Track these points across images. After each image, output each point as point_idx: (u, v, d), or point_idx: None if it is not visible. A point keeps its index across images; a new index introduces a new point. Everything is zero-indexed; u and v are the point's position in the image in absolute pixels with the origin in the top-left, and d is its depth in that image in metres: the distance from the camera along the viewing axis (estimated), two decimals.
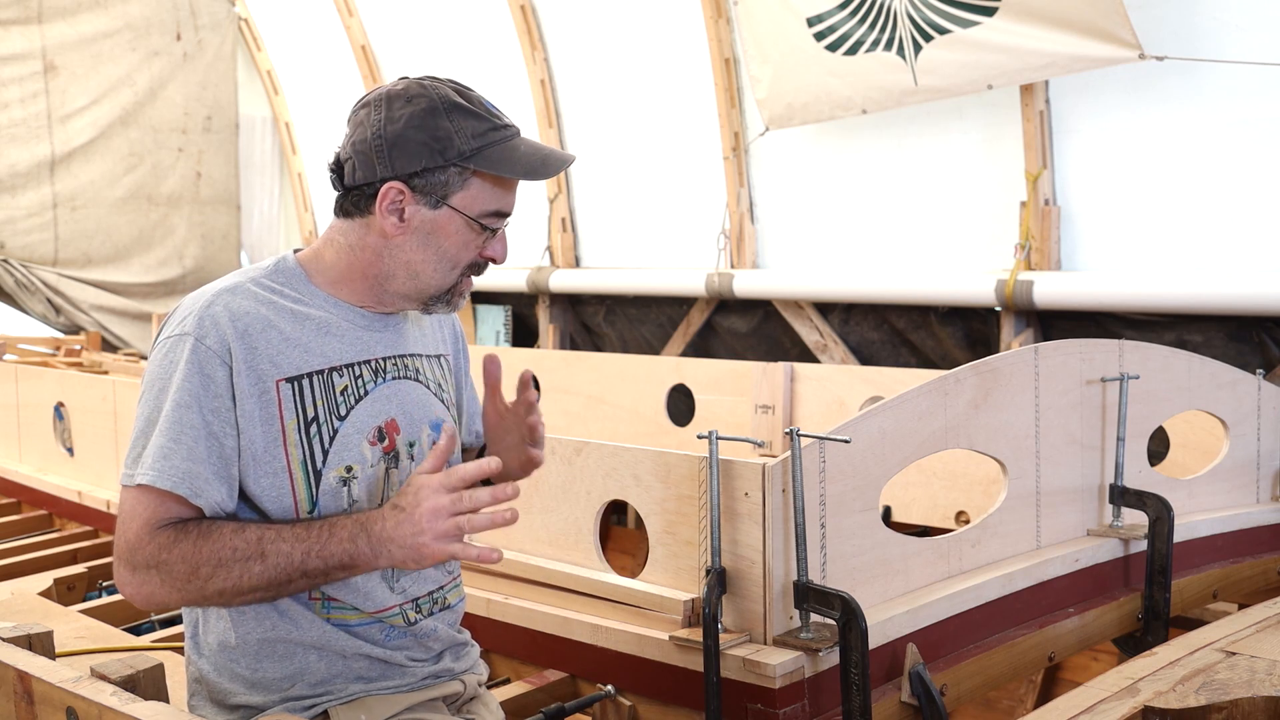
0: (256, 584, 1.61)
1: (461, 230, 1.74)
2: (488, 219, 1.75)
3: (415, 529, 1.59)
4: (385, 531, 1.61)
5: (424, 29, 7.45)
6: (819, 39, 5.28)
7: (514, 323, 7.55)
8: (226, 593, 1.62)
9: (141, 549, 1.61)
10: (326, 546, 1.62)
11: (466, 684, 1.90)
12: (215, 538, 1.61)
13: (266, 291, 1.74)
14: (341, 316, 1.78)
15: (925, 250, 5.48)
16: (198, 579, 1.60)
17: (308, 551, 1.61)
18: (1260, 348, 4.52)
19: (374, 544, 1.61)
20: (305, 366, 1.72)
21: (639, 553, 4.73)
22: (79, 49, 8.00)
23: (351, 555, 1.62)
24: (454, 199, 1.73)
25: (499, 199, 1.76)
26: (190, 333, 1.67)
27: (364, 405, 1.76)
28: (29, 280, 7.93)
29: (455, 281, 1.79)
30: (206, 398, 1.64)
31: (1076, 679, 3.48)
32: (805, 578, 2.13)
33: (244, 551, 1.60)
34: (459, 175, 1.72)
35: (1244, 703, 1.89)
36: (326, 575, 1.64)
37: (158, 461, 1.62)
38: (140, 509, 1.63)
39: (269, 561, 1.61)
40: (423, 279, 1.77)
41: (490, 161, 1.72)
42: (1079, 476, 2.78)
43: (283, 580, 1.62)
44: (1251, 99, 4.40)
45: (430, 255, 1.75)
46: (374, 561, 1.62)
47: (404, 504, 1.61)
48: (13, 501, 4.61)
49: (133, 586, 1.63)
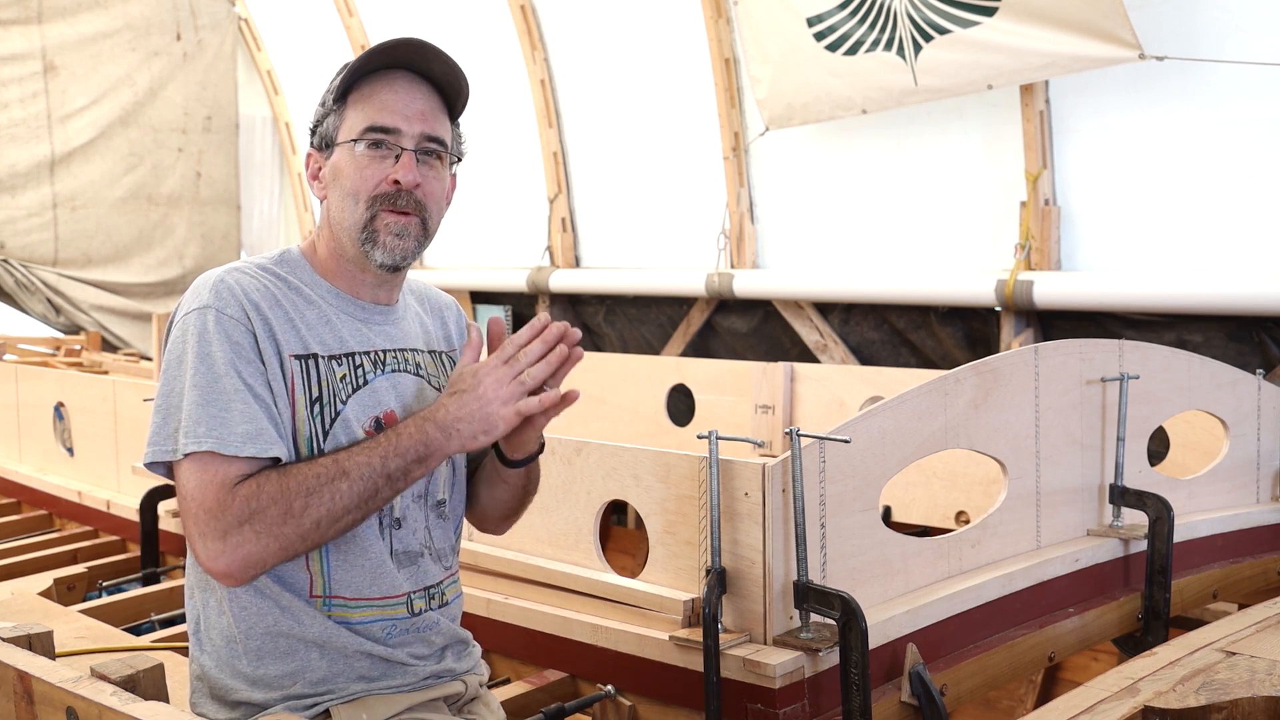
0: (348, 502, 1.62)
1: (351, 161, 1.76)
2: (367, 135, 1.74)
3: (481, 401, 1.65)
4: (450, 414, 1.65)
5: (424, 29, 7.46)
6: (819, 39, 5.28)
7: (514, 323, 7.55)
8: (323, 521, 1.61)
9: (229, 509, 1.60)
10: (401, 443, 1.64)
11: (468, 684, 1.90)
12: (294, 473, 1.62)
13: (272, 277, 1.77)
14: (342, 309, 1.80)
15: (925, 250, 5.48)
16: (293, 516, 1.60)
17: (385, 454, 1.64)
18: (1260, 348, 4.52)
19: (443, 428, 1.65)
20: (309, 348, 1.73)
21: (639, 553, 4.72)
22: (79, 49, 8.00)
23: (425, 443, 1.65)
24: (339, 137, 1.77)
25: (373, 115, 1.74)
26: (210, 304, 1.68)
27: (362, 394, 1.76)
28: (29, 280, 7.93)
29: (368, 217, 1.75)
30: (240, 363, 1.66)
31: (1076, 679, 3.48)
32: (805, 578, 2.13)
33: (326, 475, 1.62)
34: (336, 114, 1.78)
35: (1244, 703, 1.89)
36: (405, 474, 1.66)
37: (216, 429, 1.61)
38: (210, 475, 1.61)
39: (353, 476, 1.62)
40: (344, 226, 1.77)
41: (349, 79, 1.76)
42: (1079, 476, 2.78)
43: (370, 492, 1.63)
44: (1251, 99, 4.40)
45: (339, 199, 1.78)
46: (445, 445, 1.65)
47: (463, 387, 1.67)
48: (13, 501, 4.61)
49: (228, 555, 1.60)
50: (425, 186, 1.77)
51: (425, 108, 1.78)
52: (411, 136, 1.76)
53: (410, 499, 1.81)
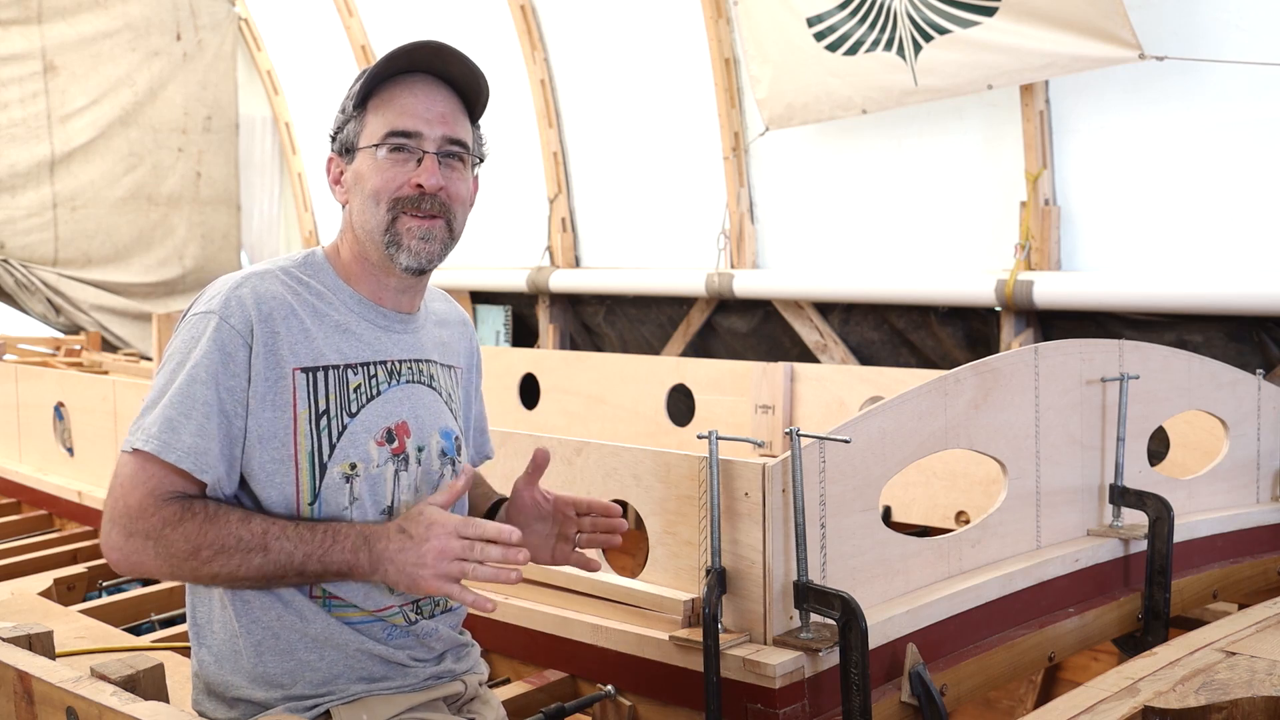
0: (252, 574, 1.64)
1: (373, 164, 1.76)
2: (390, 139, 1.75)
3: (418, 560, 1.62)
4: (388, 552, 1.64)
5: (424, 29, 7.45)
6: (819, 39, 5.29)
7: (514, 323, 7.56)
8: (220, 577, 1.65)
9: (144, 518, 1.63)
10: (329, 553, 1.65)
11: (467, 684, 1.90)
12: (221, 523, 1.63)
13: (295, 282, 1.77)
14: (362, 316, 1.80)
15: (925, 250, 5.48)
16: (196, 560, 1.62)
17: (309, 554, 1.64)
18: (1260, 348, 4.52)
19: (374, 560, 1.64)
20: (321, 360, 1.73)
21: (639, 553, 4.72)
22: (79, 49, 8.00)
23: (350, 566, 1.65)
24: (360, 141, 1.78)
25: (394, 119, 1.75)
26: (216, 311, 1.69)
27: (375, 405, 1.76)
28: (29, 280, 7.93)
29: (388, 219, 1.76)
30: (224, 375, 1.66)
31: (1076, 679, 3.47)
32: (805, 578, 2.13)
33: (248, 543, 1.63)
34: (357, 119, 1.78)
35: (1244, 703, 1.89)
36: (321, 578, 1.68)
37: (164, 433, 1.63)
38: (144, 477, 1.64)
39: (270, 556, 1.63)
40: (367, 228, 1.78)
41: (369, 84, 1.76)
42: (1079, 476, 2.78)
43: (278, 575, 1.65)
44: (1251, 99, 4.40)
45: (361, 203, 1.78)
46: (369, 575, 1.66)
47: (413, 532, 1.64)
48: (13, 501, 4.61)
49: (122, 552, 1.65)
50: (449, 189, 1.78)
51: (445, 110, 1.78)
52: (433, 139, 1.76)
53: None
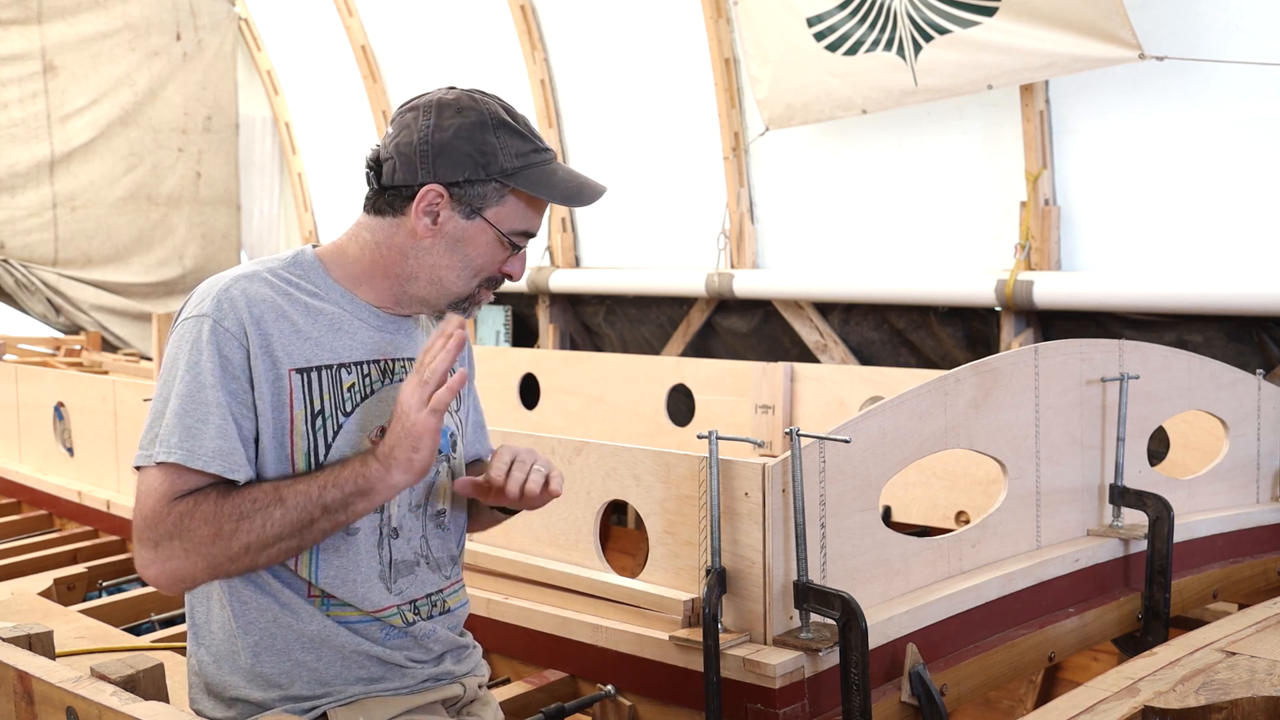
0: (280, 530, 1.62)
1: (490, 243, 1.79)
2: (517, 237, 1.80)
3: (402, 419, 1.64)
4: (385, 445, 1.65)
5: (424, 29, 7.45)
6: (819, 39, 5.28)
7: (514, 323, 7.56)
8: (253, 547, 1.61)
9: (161, 521, 1.61)
10: (339, 475, 1.65)
11: (466, 686, 1.90)
12: (231, 496, 1.62)
13: (282, 282, 1.76)
14: (355, 314, 1.80)
15: (925, 250, 5.48)
16: (222, 538, 1.60)
17: (324, 484, 1.64)
18: (1260, 348, 4.52)
19: (381, 458, 1.65)
20: (315, 360, 1.73)
21: (639, 553, 4.72)
22: (79, 49, 8.00)
23: (364, 476, 1.64)
24: (489, 212, 1.77)
25: (529, 219, 1.81)
26: (209, 314, 1.68)
27: (370, 404, 1.77)
28: (29, 280, 7.93)
29: (474, 291, 1.83)
30: (227, 379, 1.66)
31: (1076, 679, 3.48)
32: (805, 578, 2.13)
33: (262, 500, 1.62)
34: (498, 191, 1.76)
35: (1244, 703, 1.89)
36: (346, 507, 1.65)
37: (186, 441, 1.63)
38: (156, 484, 1.63)
39: (288, 504, 1.62)
40: (444, 284, 1.80)
41: (529, 182, 1.76)
42: (1079, 476, 2.78)
43: (305, 521, 1.63)
44: (1251, 99, 4.39)
45: (456, 262, 1.79)
46: (386, 476, 1.64)
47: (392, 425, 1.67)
48: (13, 501, 4.61)
49: (157, 565, 1.63)
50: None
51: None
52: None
53: (407, 509, 1.81)
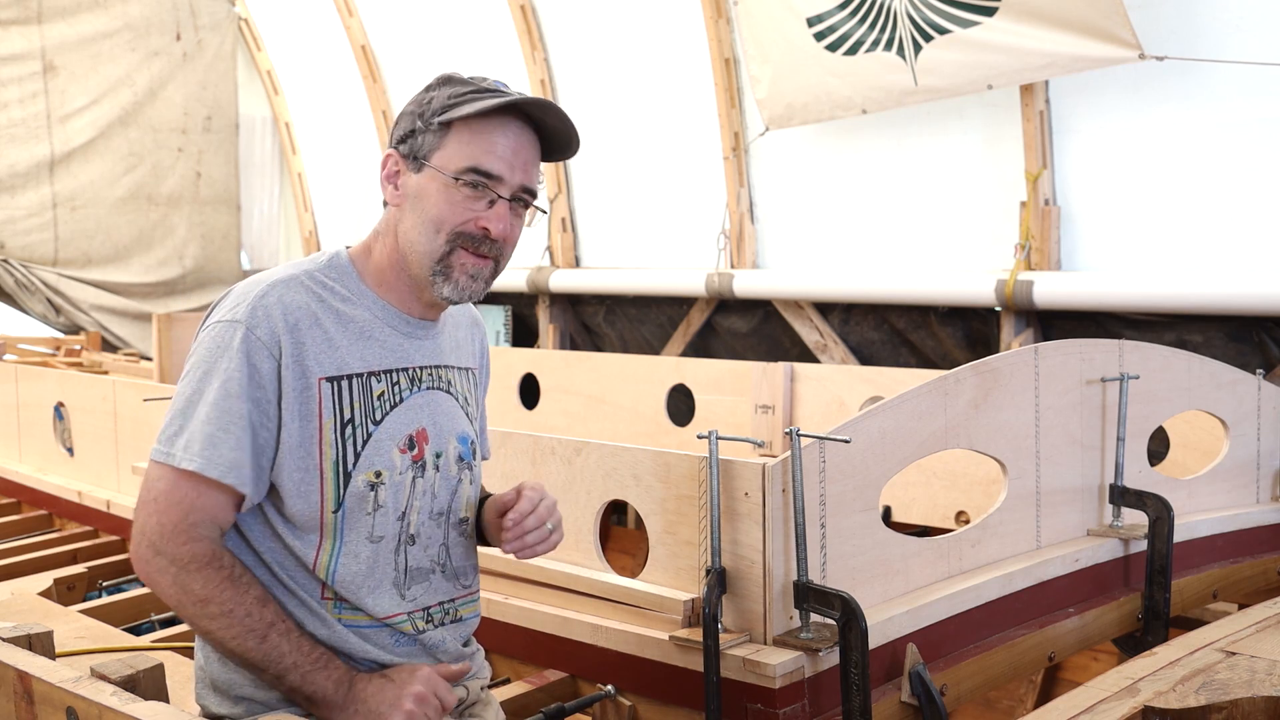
0: (239, 652, 1.65)
1: (442, 190, 1.73)
2: (466, 175, 1.73)
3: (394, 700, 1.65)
4: (364, 693, 1.66)
5: (424, 29, 7.45)
6: (819, 39, 5.28)
7: (514, 323, 7.55)
8: (212, 635, 1.66)
9: (175, 544, 1.64)
10: (312, 675, 1.66)
11: (470, 689, 1.90)
12: (241, 591, 1.64)
13: (319, 286, 1.75)
14: (386, 321, 1.79)
15: (925, 250, 5.48)
16: (202, 609, 1.64)
17: (296, 665, 1.65)
18: (1260, 348, 4.52)
19: (349, 700, 1.66)
20: (345, 368, 1.73)
21: (639, 553, 4.73)
22: (79, 49, 8.00)
23: (325, 696, 1.66)
24: (433, 159, 1.74)
25: (475, 156, 1.73)
26: (242, 320, 1.68)
27: (398, 412, 1.76)
28: (29, 280, 7.93)
29: (444, 250, 1.74)
30: (252, 388, 1.66)
31: (1076, 679, 3.48)
32: (805, 578, 2.13)
33: (253, 624, 1.64)
34: (436, 135, 1.74)
35: (1244, 703, 1.89)
36: (291, 692, 1.67)
37: (207, 449, 1.64)
38: (180, 496, 1.65)
39: (263, 647, 1.64)
40: (417, 248, 1.75)
41: (459, 111, 1.72)
42: (1079, 476, 2.78)
43: (258, 667, 1.66)
44: (1251, 99, 4.39)
45: (417, 220, 1.75)
46: (333, 712, 1.67)
47: (395, 678, 1.69)
48: (13, 501, 4.61)
49: (145, 566, 1.66)
50: (510, 235, 1.77)
51: (529, 158, 1.77)
52: (510, 186, 1.75)
53: (428, 515, 1.81)
